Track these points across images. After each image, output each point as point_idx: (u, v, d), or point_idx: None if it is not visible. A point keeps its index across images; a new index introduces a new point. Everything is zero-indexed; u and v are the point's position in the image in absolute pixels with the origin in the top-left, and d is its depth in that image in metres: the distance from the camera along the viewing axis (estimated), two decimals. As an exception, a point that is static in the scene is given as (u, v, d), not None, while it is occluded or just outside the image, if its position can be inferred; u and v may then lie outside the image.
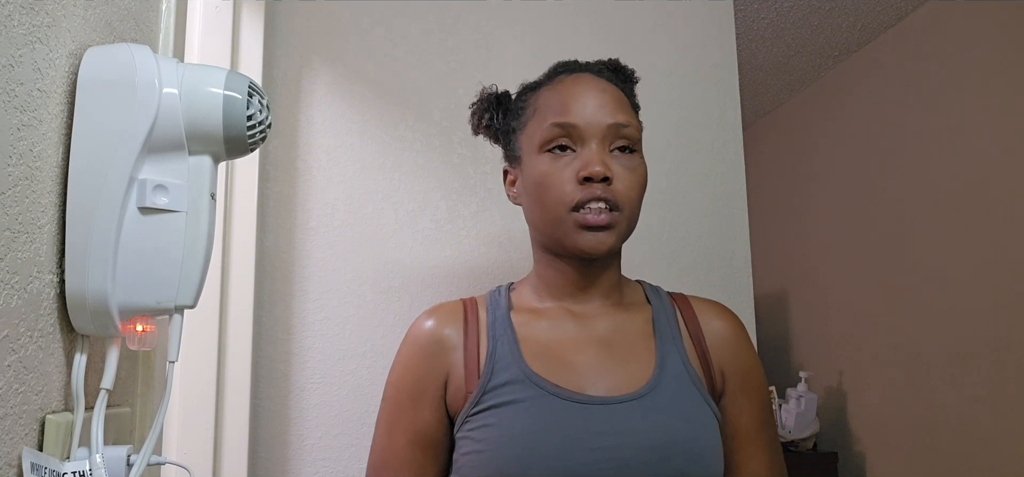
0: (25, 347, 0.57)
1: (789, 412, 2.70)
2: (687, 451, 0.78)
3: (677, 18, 1.62)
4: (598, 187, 0.82)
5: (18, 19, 0.55)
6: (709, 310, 0.92)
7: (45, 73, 0.59)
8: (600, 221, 0.81)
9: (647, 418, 0.78)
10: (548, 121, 0.85)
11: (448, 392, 0.85)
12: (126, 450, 0.64)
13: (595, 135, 0.84)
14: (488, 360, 0.83)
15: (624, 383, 0.81)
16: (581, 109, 0.84)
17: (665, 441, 0.77)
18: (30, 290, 0.57)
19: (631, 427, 0.77)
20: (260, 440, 1.29)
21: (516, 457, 0.76)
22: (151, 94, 0.61)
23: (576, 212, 0.82)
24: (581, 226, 0.82)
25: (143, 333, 0.66)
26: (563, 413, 0.78)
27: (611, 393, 0.80)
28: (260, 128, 0.67)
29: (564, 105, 0.85)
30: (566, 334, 0.86)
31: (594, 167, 0.81)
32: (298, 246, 1.36)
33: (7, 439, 0.54)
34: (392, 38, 1.47)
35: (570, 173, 0.83)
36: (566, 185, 0.83)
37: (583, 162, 0.83)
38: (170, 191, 0.63)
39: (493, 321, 0.87)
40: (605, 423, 0.78)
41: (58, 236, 0.62)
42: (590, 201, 0.82)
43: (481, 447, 0.79)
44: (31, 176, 0.57)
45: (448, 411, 0.86)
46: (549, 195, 0.84)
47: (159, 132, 0.62)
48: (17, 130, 0.55)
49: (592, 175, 0.81)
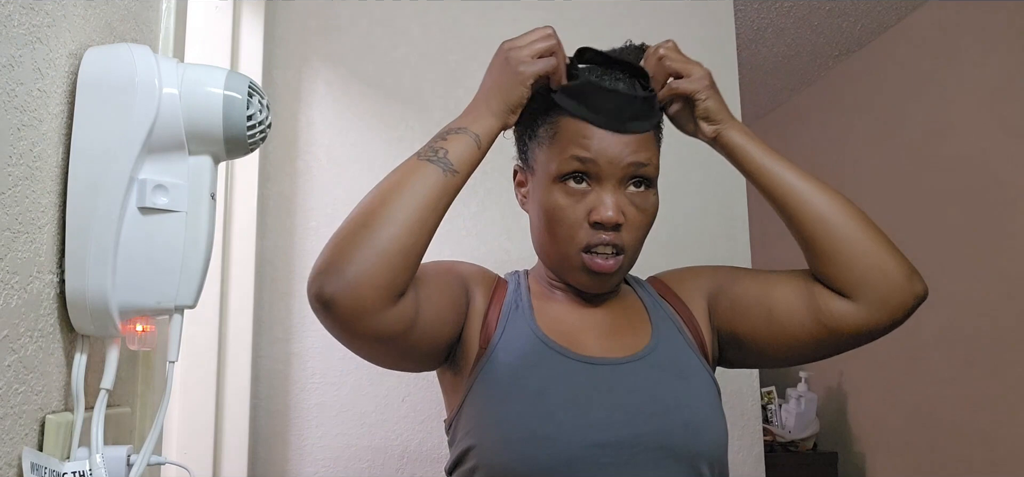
0: (25, 347, 0.57)
1: (789, 412, 2.70)
2: (687, 404, 0.81)
3: (677, 18, 1.62)
4: (608, 233, 0.82)
5: (18, 19, 0.55)
6: (675, 276, 0.97)
7: (45, 73, 0.59)
8: (607, 267, 0.83)
9: (649, 375, 0.83)
10: (568, 152, 0.82)
11: (468, 321, 0.85)
12: (126, 450, 0.64)
13: (613, 175, 0.82)
14: (502, 318, 0.86)
15: (621, 348, 0.85)
16: (604, 144, 0.81)
17: (666, 393, 0.81)
18: (30, 290, 0.57)
19: (634, 385, 0.81)
20: (260, 440, 1.29)
21: (526, 412, 0.77)
22: (151, 94, 0.61)
23: (585, 253, 0.83)
24: (587, 268, 0.83)
25: (143, 333, 0.66)
26: (572, 371, 0.81)
27: (613, 355, 0.84)
28: (260, 128, 0.67)
29: (588, 137, 0.82)
30: (573, 312, 0.89)
31: (607, 213, 0.81)
32: (298, 246, 1.36)
33: (7, 439, 0.54)
34: (392, 38, 1.47)
35: (582, 211, 0.83)
36: (578, 226, 0.83)
37: (597, 206, 0.82)
38: (170, 191, 0.63)
39: (515, 288, 0.90)
40: (611, 380, 0.81)
41: (58, 236, 0.62)
42: (598, 246, 0.83)
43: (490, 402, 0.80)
44: (31, 176, 0.57)
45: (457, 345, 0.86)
46: (559, 229, 0.84)
47: (159, 132, 0.62)
48: (17, 130, 0.55)
49: (604, 222, 0.81)
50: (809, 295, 0.85)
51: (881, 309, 0.81)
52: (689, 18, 1.63)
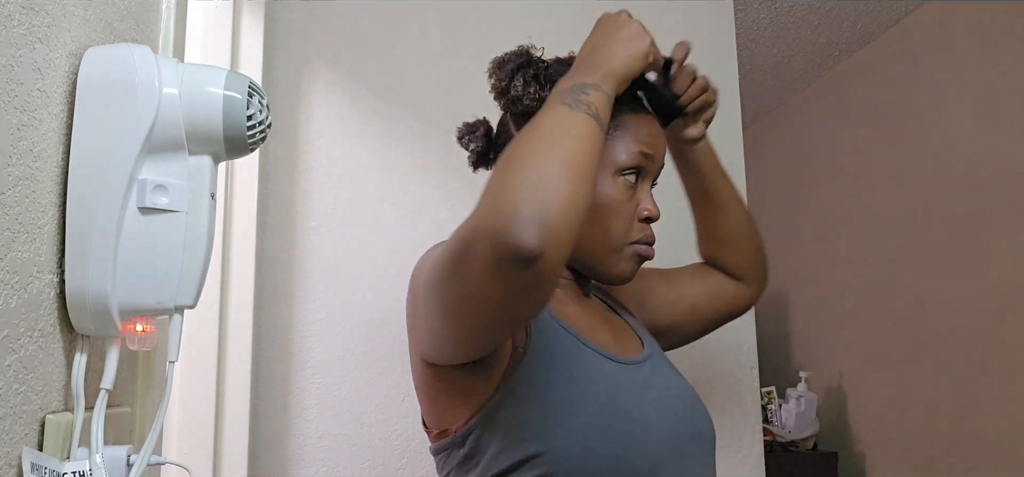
0: (25, 347, 0.57)
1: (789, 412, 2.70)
2: (696, 397, 0.88)
3: (677, 18, 1.62)
4: (650, 229, 0.87)
5: (18, 19, 0.55)
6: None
7: (45, 73, 0.59)
8: (651, 254, 0.88)
9: (665, 371, 0.88)
10: (637, 147, 0.85)
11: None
12: (126, 450, 0.64)
13: (655, 173, 0.88)
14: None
15: (631, 349, 0.89)
16: (659, 143, 0.87)
17: (683, 386, 0.88)
18: (30, 290, 0.57)
19: (660, 382, 0.85)
20: (260, 440, 1.29)
21: (604, 415, 0.77)
22: (151, 94, 0.61)
23: (636, 244, 0.86)
24: (638, 257, 0.87)
25: (143, 333, 0.66)
26: (616, 371, 0.82)
27: (628, 354, 0.87)
28: (260, 128, 0.67)
29: (650, 136, 0.86)
30: (580, 309, 0.90)
31: (655, 210, 0.86)
32: (298, 246, 1.36)
33: (7, 439, 0.54)
34: (392, 38, 1.47)
35: (633, 207, 0.86)
36: (631, 221, 0.86)
37: (644, 202, 0.86)
38: (170, 191, 0.63)
39: None
40: (645, 378, 0.84)
41: (58, 236, 0.62)
42: (644, 240, 0.87)
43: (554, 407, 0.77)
44: (31, 176, 0.57)
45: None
46: (616, 222, 0.85)
47: (159, 132, 0.62)
48: (17, 130, 0.55)
49: (653, 217, 0.86)
50: (714, 283, 1.04)
51: (760, 287, 1.06)
52: (689, 18, 1.63)
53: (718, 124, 1.62)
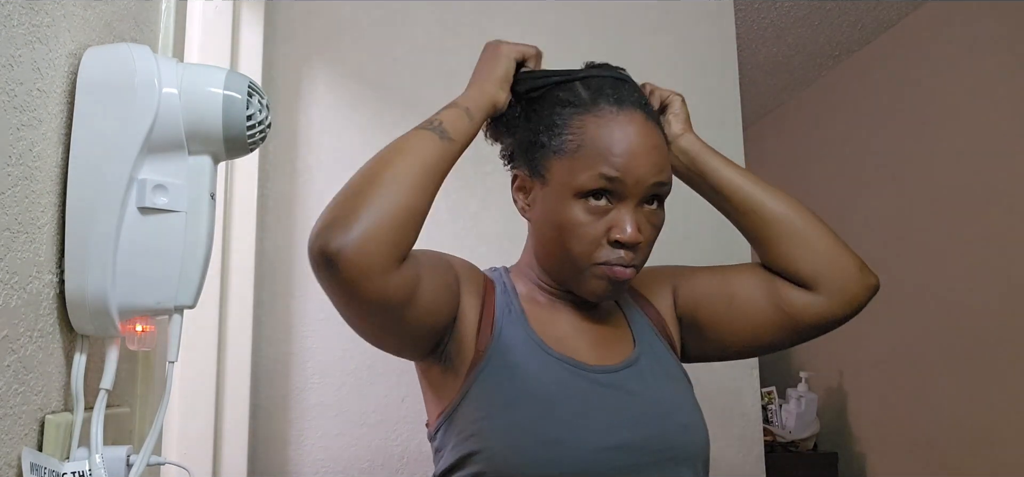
0: (25, 347, 0.57)
1: (789, 412, 2.70)
2: (679, 406, 0.85)
3: (677, 18, 1.62)
4: (626, 252, 0.81)
5: (18, 19, 0.55)
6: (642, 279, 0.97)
7: (45, 73, 0.59)
8: (626, 275, 0.82)
9: (643, 380, 0.84)
10: (597, 169, 0.80)
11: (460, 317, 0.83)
12: (126, 450, 0.64)
13: (636, 195, 0.81)
14: (497, 321, 0.84)
15: (613, 356, 0.86)
16: (633, 164, 0.80)
17: (662, 397, 0.84)
18: (30, 290, 0.57)
19: (632, 390, 0.83)
20: (260, 440, 1.29)
21: (538, 419, 0.77)
22: (151, 94, 0.61)
23: (601, 265, 0.82)
24: (607, 277, 0.82)
25: (143, 333, 0.66)
26: (575, 378, 0.81)
27: (606, 362, 0.85)
28: (260, 128, 0.67)
29: (616, 155, 0.80)
30: (564, 318, 0.89)
31: (628, 232, 0.80)
32: (298, 246, 1.36)
33: (7, 439, 0.54)
34: (392, 38, 1.47)
35: (602, 229, 0.81)
36: (596, 244, 0.81)
37: (617, 224, 0.81)
38: (170, 191, 0.63)
39: (503, 289, 0.89)
40: (611, 387, 0.82)
41: (58, 236, 0.62)
42: (615, 262, 0.82)
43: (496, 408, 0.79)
44: (31, 176, 0.57)
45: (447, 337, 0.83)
46: (576, 245, 0.82)
47: (159, 132, 0.62)
48: (17, 130, 0.55)
49: (626, 242, 0.81)
50: (770, 286, 0.91)
51: (840, 299, 0.88)
52: (689, 18, 1.63)
53: (718, 124, 1.63)
